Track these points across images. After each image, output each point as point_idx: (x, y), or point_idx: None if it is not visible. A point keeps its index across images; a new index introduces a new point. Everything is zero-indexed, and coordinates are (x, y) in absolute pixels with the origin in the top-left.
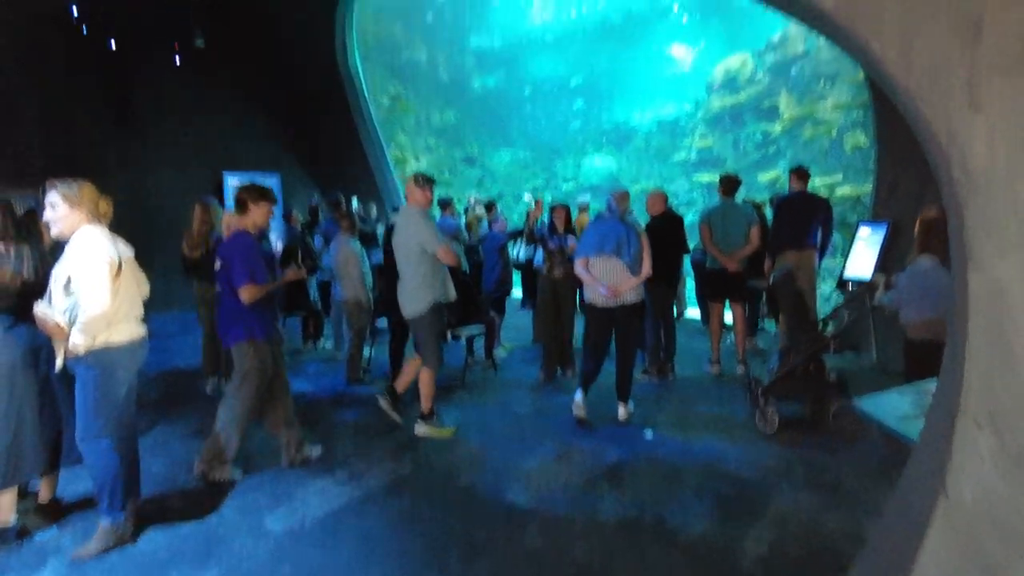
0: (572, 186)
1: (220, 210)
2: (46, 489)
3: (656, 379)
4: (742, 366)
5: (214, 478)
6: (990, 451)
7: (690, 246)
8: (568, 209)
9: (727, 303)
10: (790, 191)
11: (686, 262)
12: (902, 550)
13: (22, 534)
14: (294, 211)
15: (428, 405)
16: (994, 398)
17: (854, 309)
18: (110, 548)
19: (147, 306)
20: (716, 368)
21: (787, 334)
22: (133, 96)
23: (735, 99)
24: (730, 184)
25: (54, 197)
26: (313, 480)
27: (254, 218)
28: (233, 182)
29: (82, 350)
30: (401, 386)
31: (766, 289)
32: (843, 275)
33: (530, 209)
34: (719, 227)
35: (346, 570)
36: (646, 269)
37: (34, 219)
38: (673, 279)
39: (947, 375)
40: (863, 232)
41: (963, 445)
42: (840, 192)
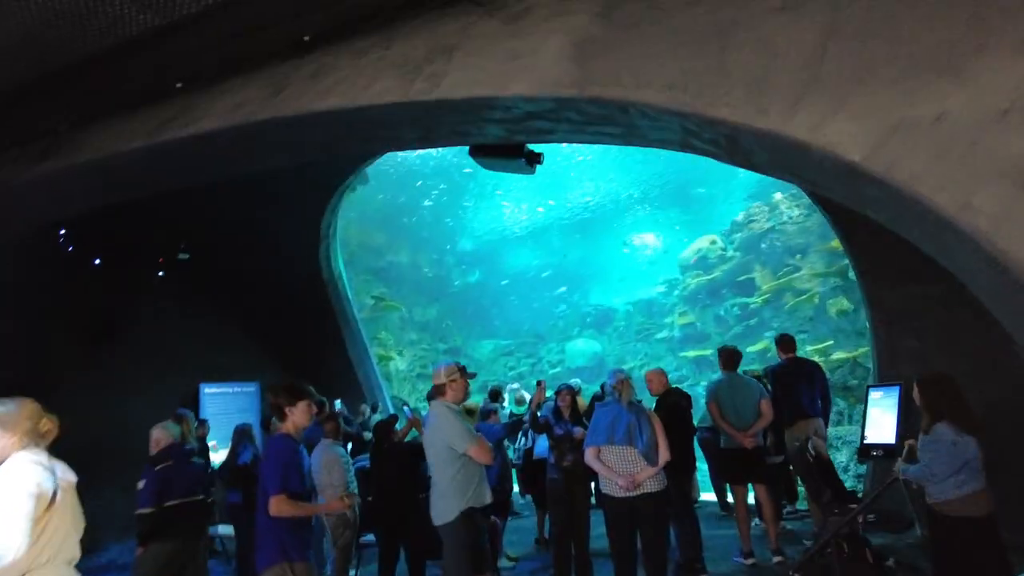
0: (559, 371)
1: (194, 423)
2: None
3: None
4: (779, 557)
5: None
6: None
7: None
8: (575, 393)
9: (750, 485)
10: (781, 361)
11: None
12: None
13: None
14: (274, 419)
15: None
16: None
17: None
18: None
19: (111, 535)
20: (750, 560)
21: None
22: (113, 311)
23: (710, 276)
24: (731, 357)
25: None
26: None
27: (294, 420)
28: (209, 390)
29: None
30: None
31: (779, 465)
32: (863, 442)
33: (518, 396)
34: (727, 403)
35: None
36: (664, 455)
37: None
38: (689, 464)
39: None
40: (875, 395)
41: None
42: (835, 357)
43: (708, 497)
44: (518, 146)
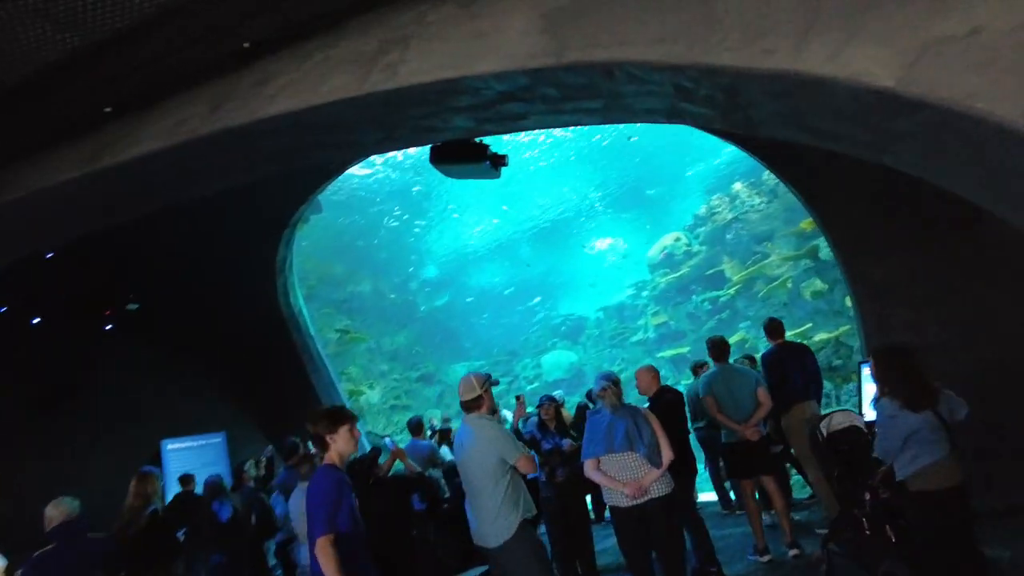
0: (537, 386)
1: (160, 480)
2: None
3: None
4: (795, 550)
5: None
6: None
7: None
8: (559, 405)
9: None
10: (772, 347)
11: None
12: None
13: None
14: (245, 466)
15: None
16: None
17: None
18: None
19: None
20: (766, 556)
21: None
22: (59, 373)
23: (678, 273)
24: (720, 348)
25: None
26: None
27: (338, 448)
28: (172, 446)
29: None
30: None
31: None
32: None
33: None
34: (724, 395)
35: None
36: (667, 455)
37: None
38: (690, 466)
39: None
40: (868, 371)
41: None
42: (816, 339)
43: (706, 497)
44: (481, 148)
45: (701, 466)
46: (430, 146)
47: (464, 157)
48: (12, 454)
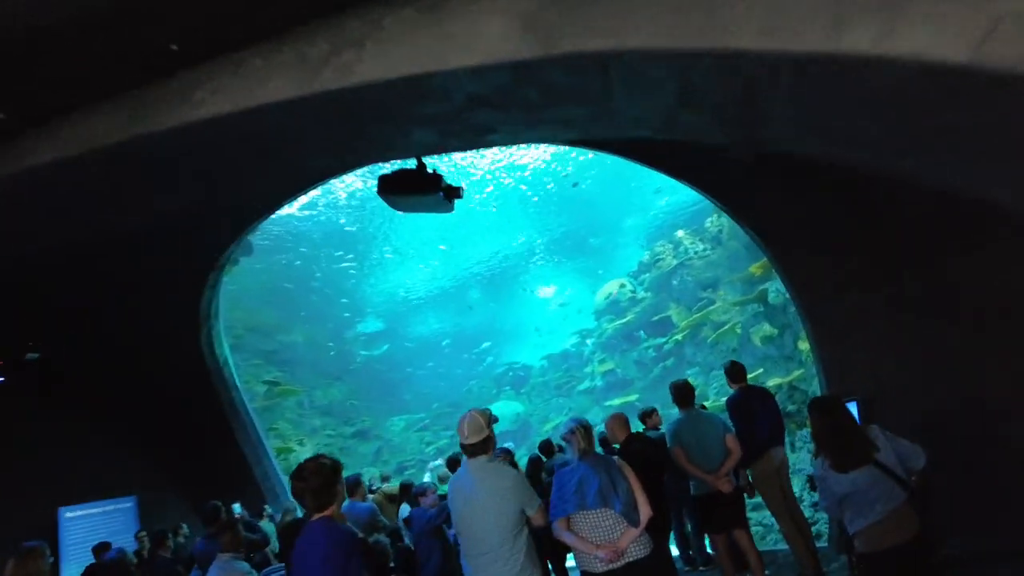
0: None
1: (48, 559)
2: None
3: None
4: None
5: None
6: None
7: None
8: (511, 455)
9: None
10: (735, 392)
11: None
12: None
13: None
14: (168, 535)
15: None
16: None
17: None
18: None
19: None
20: None
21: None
22: None
23: (623, 320)
24: (685, 392)
25: None
26: None
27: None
28: (71, 514)
29: None
30: None
31: None
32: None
33: (441, 474)
34: (692, 444)
35: None
36: (645, 511)
37: None
38: (666, 523)
39: None
40: None
41: None
42: (770, 383)
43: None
44: (435, 178)
45: None
46: (377, 177)
47: (416, 187)
48: None
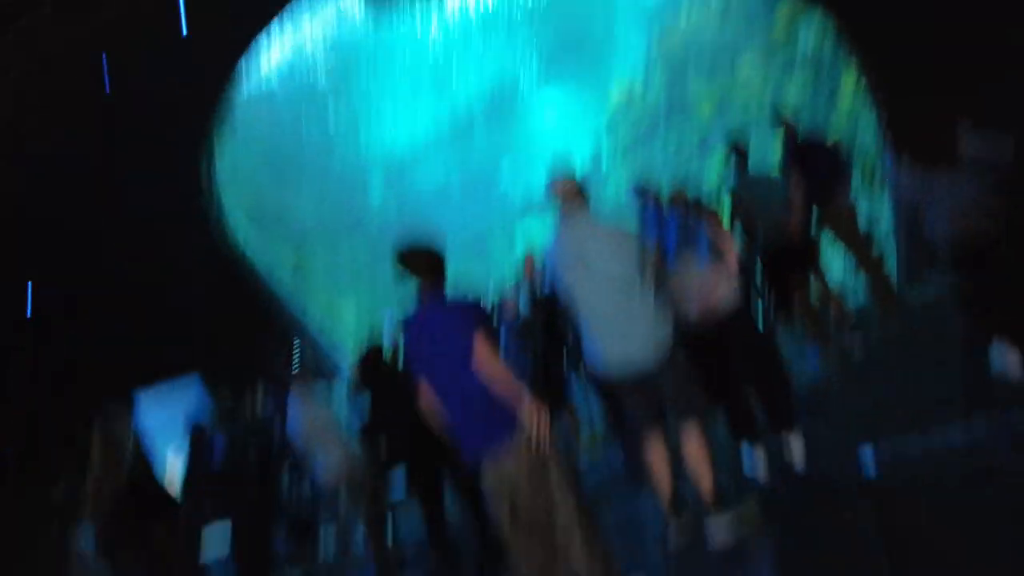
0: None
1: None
2: None
3: None
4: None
5: None
6: None
7: None
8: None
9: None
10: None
11: None
12: None
13: None
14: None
15: (712, 487)
16: None
17: None
18: None
19: None
20: None
21: None
22: None
23: (642, 115)
24: (744, 154)
25: None
26: None
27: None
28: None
29: None
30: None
31: None
32: None
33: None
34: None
35: None
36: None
37: None
38: None
39: None
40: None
41: None
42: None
43: None
44: None
45: None
46: None
47: None
48: None
